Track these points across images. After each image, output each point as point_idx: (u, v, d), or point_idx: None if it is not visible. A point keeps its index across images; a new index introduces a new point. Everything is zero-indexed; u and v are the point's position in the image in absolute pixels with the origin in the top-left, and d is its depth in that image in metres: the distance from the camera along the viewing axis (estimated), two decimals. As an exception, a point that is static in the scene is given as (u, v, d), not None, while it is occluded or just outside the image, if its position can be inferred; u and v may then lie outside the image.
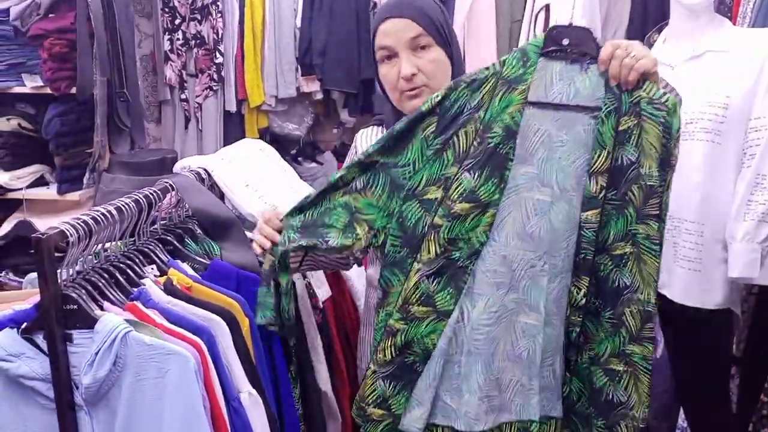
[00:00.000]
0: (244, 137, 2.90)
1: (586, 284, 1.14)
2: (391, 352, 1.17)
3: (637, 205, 1.10)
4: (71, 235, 1.05)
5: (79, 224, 1.07)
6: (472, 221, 1.12)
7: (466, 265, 1.14)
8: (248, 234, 1.43)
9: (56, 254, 1.05)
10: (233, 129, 2.97)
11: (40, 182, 2.48)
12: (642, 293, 1.13)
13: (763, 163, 1.54)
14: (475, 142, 1.12)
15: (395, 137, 1.14)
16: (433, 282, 1.15)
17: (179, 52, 2.90)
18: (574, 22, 2.56)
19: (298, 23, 2.85)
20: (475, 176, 1.11)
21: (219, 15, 2.78)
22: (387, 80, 1.28)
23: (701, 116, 1.59)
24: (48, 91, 2.34)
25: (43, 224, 2.27)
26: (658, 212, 1.09)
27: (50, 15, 2.25)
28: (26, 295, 1.16)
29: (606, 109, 1.09)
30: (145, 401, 1.05)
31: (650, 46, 1.83)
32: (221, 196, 1.55)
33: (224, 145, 2.90)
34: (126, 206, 1.18)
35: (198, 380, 1.03)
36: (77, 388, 1.08)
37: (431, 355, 1.16)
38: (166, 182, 1.37)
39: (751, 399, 1.93)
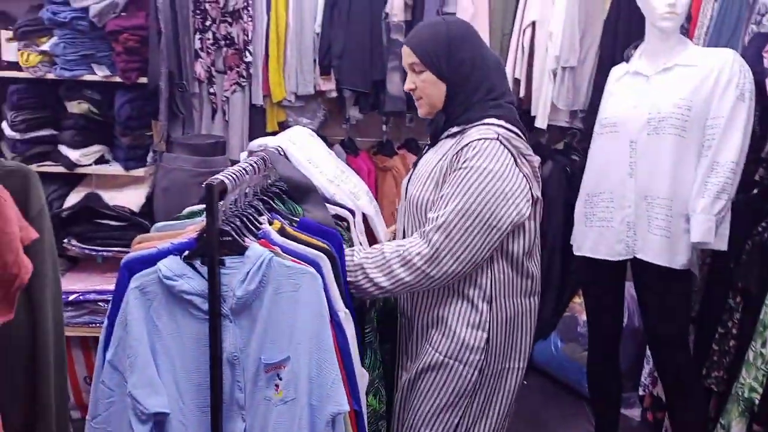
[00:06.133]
0: (265, 129, 3.26)
1: None
2: None
3: None
4: (230, 183, 1.39)
5: (231, 175, 1.41)
6: None
7: None
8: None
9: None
10: (256, 121, 3.27)
11: (100, 161, 2.71)
12: None
13: (717, 152, 1.98)
14: None
15: None
16: None
17: (209, 50, 3.21)
18: (556, 38, 3.00)
19: (317, 29, 3.20)
20: None
21: (250, 19, 3.10)
22: None
23: (671, 116, 2.03)
24: (112, 79, 2.59)
25: (107, 196, 2.56)
26: None
27: (122, 14, 2.51)
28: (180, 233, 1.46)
29: None
30: (281, 309, 1.31)
31: (628, 59, 2.28)
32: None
33: (249, 135, 3.23)
34: (253, 165, 1.53)
35: (323, 294, 1.38)
36: (224, 301, 1.31)
37: None
38: (263, 155, 1.72)
39: (703, 351, 2.32)
